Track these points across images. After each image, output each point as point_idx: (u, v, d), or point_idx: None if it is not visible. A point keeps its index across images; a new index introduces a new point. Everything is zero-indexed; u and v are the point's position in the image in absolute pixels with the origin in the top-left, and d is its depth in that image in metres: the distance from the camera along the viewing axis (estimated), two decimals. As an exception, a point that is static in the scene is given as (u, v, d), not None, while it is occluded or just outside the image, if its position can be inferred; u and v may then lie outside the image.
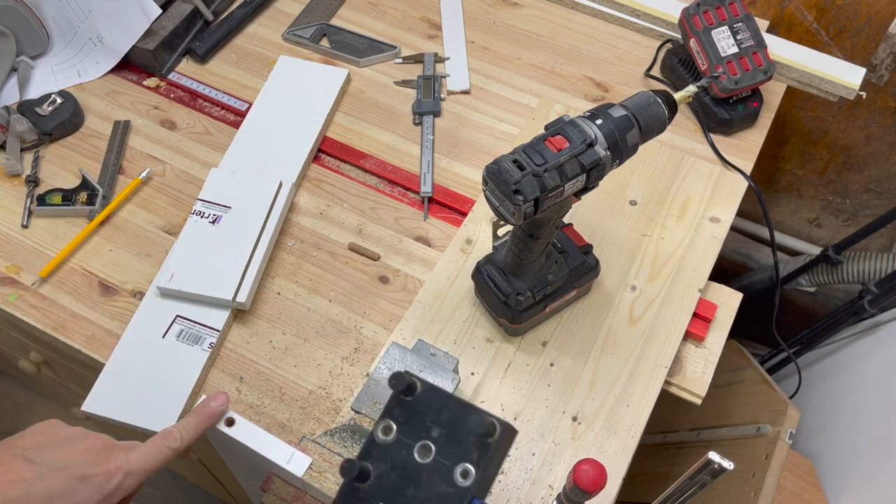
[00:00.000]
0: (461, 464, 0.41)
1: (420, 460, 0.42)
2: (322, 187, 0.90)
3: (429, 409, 0.43)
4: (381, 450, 0.43)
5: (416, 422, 0.43)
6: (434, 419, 0.43)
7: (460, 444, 0.42)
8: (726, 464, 0.49)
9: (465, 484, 0.41)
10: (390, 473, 0.42)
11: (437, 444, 0.42)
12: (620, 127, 0.60)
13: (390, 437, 0.43)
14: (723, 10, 0.92)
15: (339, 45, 1.03)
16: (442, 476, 0.42)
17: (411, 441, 0.43)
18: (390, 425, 0.43)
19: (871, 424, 1.09)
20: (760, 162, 1.25)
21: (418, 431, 0.43)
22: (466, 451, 0.42)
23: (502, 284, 0.72)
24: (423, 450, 0.43)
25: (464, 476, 0.41)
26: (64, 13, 0.99)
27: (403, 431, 0.43)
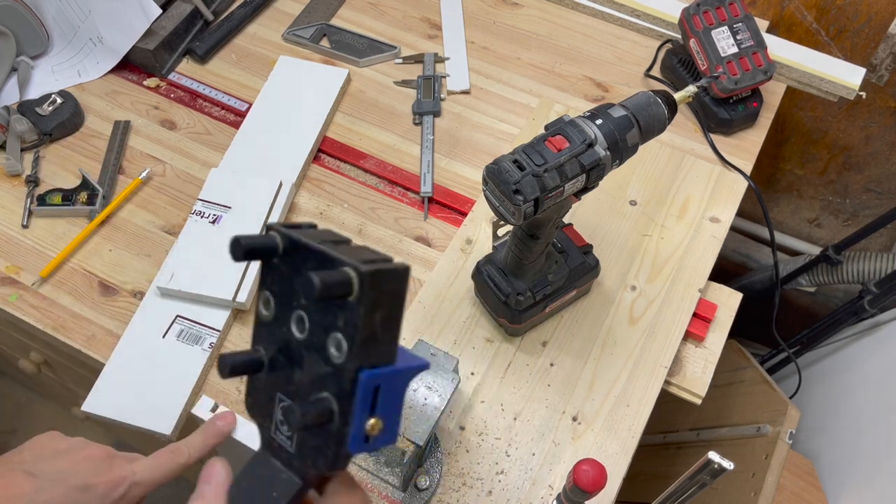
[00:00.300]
0: (331, 334, 0.32)
1: (298, 335, 0.34)
2: (322, 187, 0.90)
3: (295, 269, 0.34)
4: (266, 329, 0.35)
5: (286, 289, 0.34)
6: (300, 281, 0.34)
7: (328, 309, 0.32)
8: (726, 464, 0.49)
9: (340, 359, 0.32)
10: (278, 358, 0.35)
11: (309, 313, 0.33)
12: (620, 127, 0.60)
13: (269, 313, 0.35)
14: (723, 10, 0.92)
15: (339, 45, 1.03)
16: (319, 353, 0.33)
17: (287, 313, 0.34)
18: (267, 298, 0.35)
19: (871, 424, 1.09)
20: (760, 162, 1.25)
21: (289, 301, 0.34)
22: (334, 318, 0.32)
23: (502, 284, 0.72)
24: (298, 322, 0.34)
25: (337, 348, 0.32)
26: (64, 13, 0.99)
27: (279, 305, 0.35)
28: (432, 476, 0.68)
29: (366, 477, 0.67)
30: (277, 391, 0.35)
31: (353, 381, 0.32)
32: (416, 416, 0.61)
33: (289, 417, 0.32)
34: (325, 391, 0.33)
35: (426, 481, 0.67)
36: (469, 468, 0.69)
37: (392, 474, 0.65)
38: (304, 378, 0.34)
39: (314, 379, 0.33)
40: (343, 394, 0.32)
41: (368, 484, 0.66)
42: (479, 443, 0.71)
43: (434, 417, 0.61)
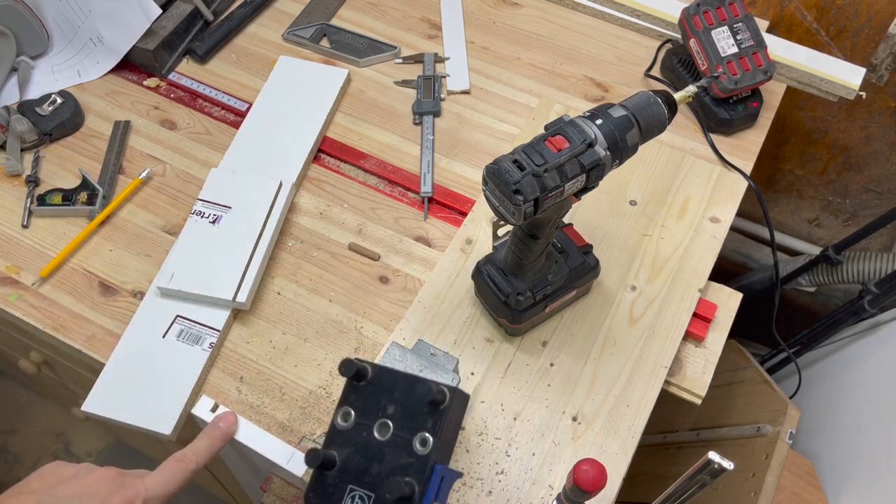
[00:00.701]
0: (418, 434, 0.43)
1: (380, 438, 0.44)
2: (322, 187, 0.90)
3: (382, 389, 0.45)
4: (342, 436, 0.45)
5: (372, 403, 0.45)
6: (388, 398, 0.45)
7: (415, 415, 0.44)
8: (726, 464, 0.49)
9: (425, 451, 0.43)
10: (354, 457, 0.44)
11: (394, 420, 0.44)
12: (620, 127, 0.60)
13: (349, 423, 0.45)
14: (723, 10, 0.92)
15: (339, 45, 1.03)
16: (403, 448, 0.43)
17: (369, 422, 0.45)
18: (348, 411, 0.45)
19: (871, 424, 1.09)
20: (760, 162, 1.25)
21: (375, 412, 0.45)
22: (422, 422, 0.44)
23: (502, 284, 0.72)
24: (381, 428, 0.44)
25: (423, 444, 0.43)
26: (64, 13, 0.99)
27: (361, 415, 0.45)
28: (432, 476, 0.68)
29: (366, 477, 0.67)
30: (349, 483, 0.44)
31: (431, 470, 0.43)
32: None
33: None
34: (407, 477, 0.42)
35: (426, 481, 0.67)
36: (469, 468, 0.69)
37: (392, 474, 0.65)
38: (383, 470, 0.43)
39: (395, 469, 0.43)
40: (422, 479, 0.42)
41: (368, 484, 0.66)
42: (479, 443, 0.71)
43: (434, 417, 0.61)
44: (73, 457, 1.65)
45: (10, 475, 1.62)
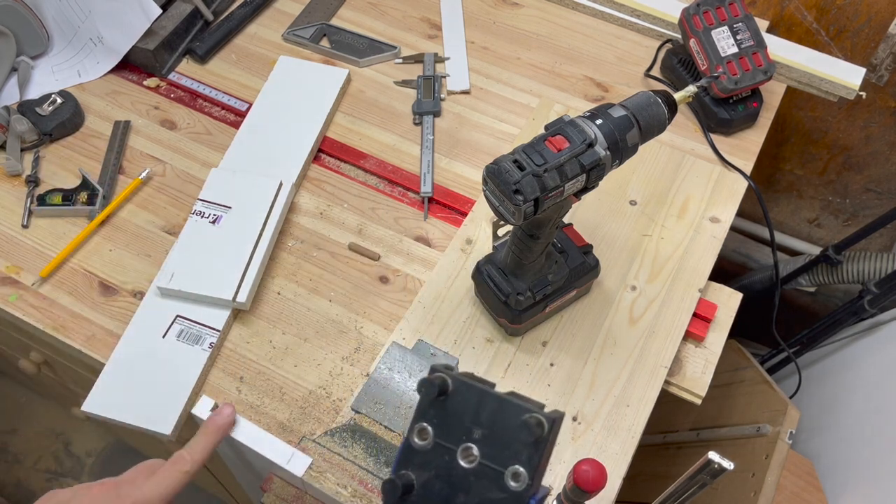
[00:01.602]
0: (511, 466, 0.39)
1: (465, 465, 0.39)
2: (322, 187, 0.90)
3: (465, 407, 0.40)
4: (420, 457, 0.40)
5: (454, 423, 0.40)
6: (473, 419, 0.40)
7: (506, 443, 0.39)
8: (726, 464, 0.49)
9: (519, 488, 0.38)
10: (435, 482, 0.39)
11: (480, 445, 0.39)
12: (620, 127, 0.60)
13: (427, 442, 0.40)
14: (723, 10, 0.92)
15: (339, 45, 1.03)
16: (492, 480, 0.39)
17: (451, 445, 0.40)
18: (426, 428, 0.40)
19: (871, 424, 1.09)
20: (760, 162, 1.24)
21: (457, 433, 0.40)
22: (514, 452, 0.39)
23: (502, 284, 0.72)
24: (465, 453, 0.40)
25: (515, 479, 0.38)
26: (64, 13, 0.99)
27: (441, 435, 0.40)
28: (432, 476, 0.68)
29: (366, 477, 0.67)
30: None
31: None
32: (416, 416, 0.61)
33: None
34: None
35: (426, 481, 0.67)
36: (469, 468, 0.69)
37: (392, 474, 0.65)
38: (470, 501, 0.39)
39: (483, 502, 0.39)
40: None
41: (369, 484, 0.66)
42: (479, 443, 0.71)
43: (434, 417, 0.61)
44: (73, 457, 1.65)
45: (10, 475, 1.62)
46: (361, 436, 0.69)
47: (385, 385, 0.65)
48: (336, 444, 0.69)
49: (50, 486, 1.62)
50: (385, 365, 0.65)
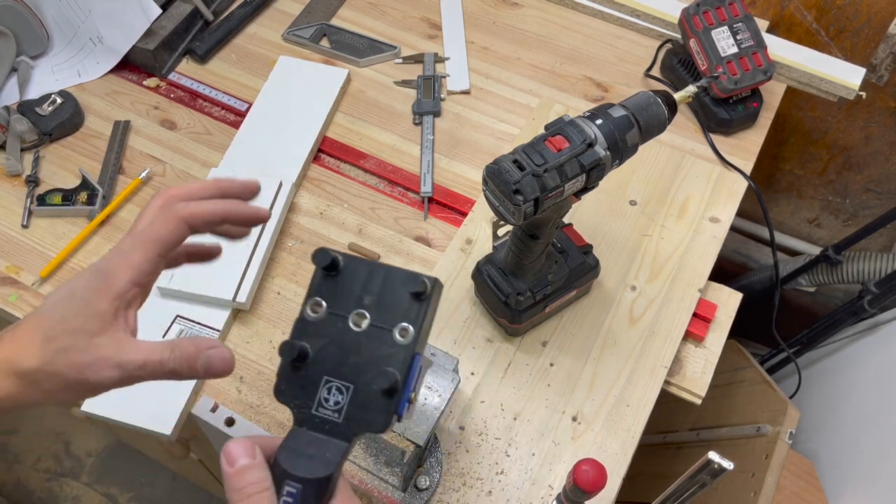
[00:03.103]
0: (398, 324, 0.42)
1: (356, 329, 0.43)
2: (322, 187, 0.90)
3: (356, 280, 0.44)
4: (313, 327, 0.43)
5: (346, 294, 0.43)
6: (364, 289, 0.43)
7: (394, 306, 0.43)
8: (726, 464, 0.49)
9: (406, 341, 0.42)
10: (328, 348, 0.43)
11: (371, 311, 0.43)
12: (620, 127, 0.60)
13: (320, 314, 0.43)
14: (723, 10, 0.92)
15: (339, 45, 1.03)
16: (382, 339, 0.42)
17: (344, 313, 0.43)
18: (319, 302, 0.43)
19: (871, 424, 1.09)
20: (760, 162, 1.24)
21: (349, 303, 0.43)
22: (402, 312, 0.42)
23: (502, 284, 0.72)
24: (357, 318, 0.43)
25: (403, 335, 0.42)
26: (64, 13, 0.99)
27: (334, 306, 0.43)
28: (432, 476, 0.68)
29: (366, 477, 0.67)
30: (325, 375, 0.43)
31: (412, 360, 0.42)
32: (416, 416, 0.61)
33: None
34: (389, 367, 0.41)
35: (426, 481, 0.67)
36: (469, 468, 0.69)
37: (392, 474, 0.65)
38: (361, 360, 0.42)
39: (374, 359, 0.42)
40: (404, 368, 0.42)
41: (368, 484, 0.66)
42: (479, 443, 0.71)
43: (434, 417, 0.61)
44: (73, 457, 1.65)
45: (10, 475, 1.62)
46: (361, 436, 0.69)
47: (385, 385, 0.66)
48: (336, 444, 0.69)
49: (50, 486, 1.62)
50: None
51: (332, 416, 0.42)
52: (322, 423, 0.42)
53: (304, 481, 0.39)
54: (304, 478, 0.39)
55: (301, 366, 0.43)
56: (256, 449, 0.41)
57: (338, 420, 0.42)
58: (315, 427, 0.42)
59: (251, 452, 0.40)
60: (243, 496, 0.39)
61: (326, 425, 0.42)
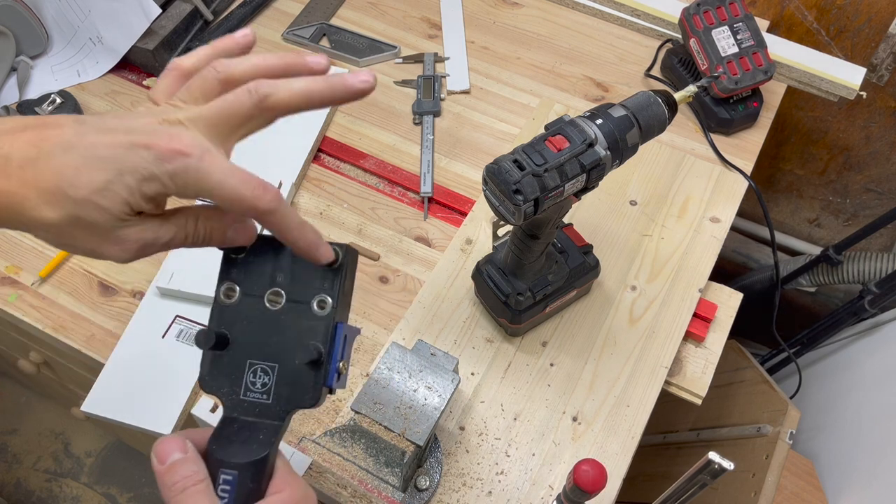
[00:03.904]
0: (315, 296, 0.42)
1: (273, 308, 0.42)
2: (322, 187, 0.90)
3: (265, 259, 0.43)
4: (230, 313, 0.43)
5: (257, 275, 0.43)
6: (275, 266, 0.43)
7: (308, 280, 0.42)
8: (726, 464, 0.49)
9: (325, 312, 0.42)
10: (248, 331, 0.42)
11: (285, 287, 0.43)
12: (620, 127, 0.60)
13: (235, 299, 0.43)
14: (723, 9, 0.92)
15: (339, 45, 1.03)
16: (300, 314, 0.42)
17: (258, 294, 0.43)
18: (231, 286, 0.43)
19: (871, 424, 1.09)
20: (760, 162, 1.24)
21: (262, 283, 0.43)
22: (317, 284, 0.42)
23: (502, 284, 0.72)
24: (273, 297, 0.43)
25: (321, 306, 0.42)
26: (63, 13, 0.99)
27: (247, 288, 0.43)
28: (432, 476, 0.68)
29: (366, 477, 0.66)
30: (248, 358, 0.42)
31: (334, 329, 0.42)
32: (416, 416, 0.61)
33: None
34: (311, 340, 0.41)
35: (426, 482, 0.67)
36: (469, 468, 0.69)
37: (392, 474, 0.65)
38: (283, 338, 0.42)
39: (296, 335, 0.42)
40: (326, 339, 0.41)
41: (368, 484, 0.66)
42: (479, 443, 0.71)
43: (434, 417, 0.61)
44: (72, 457, 1.65)
45: (9, 475, 1.62)
46: (361, 436, 0.69)
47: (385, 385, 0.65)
48: (336, 445, 0.69)
49: (49, 486, 1.61)
50: (385, 365, 0.65)
51: (261, 398, 0.42)
52: (252, 407, 0.42)
53: (238, 466, 0.39)
54: (238, 463, 0.39)
55: (223, 353, 0.43)
56: (187, 443, 0.40)
57: (267, 401, 0.42)
58: (245, 412, 0.42)
59: (182, 447, 0.39)
60: (177, 491, 0.38)
61: (257, 408, 0.41)
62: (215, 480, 0.39)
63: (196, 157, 0.38)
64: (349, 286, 0.44)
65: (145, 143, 0.37)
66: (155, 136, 0.38)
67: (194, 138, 0.39)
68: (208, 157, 0.39)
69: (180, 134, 0.39)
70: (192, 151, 0.38)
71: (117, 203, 0.38)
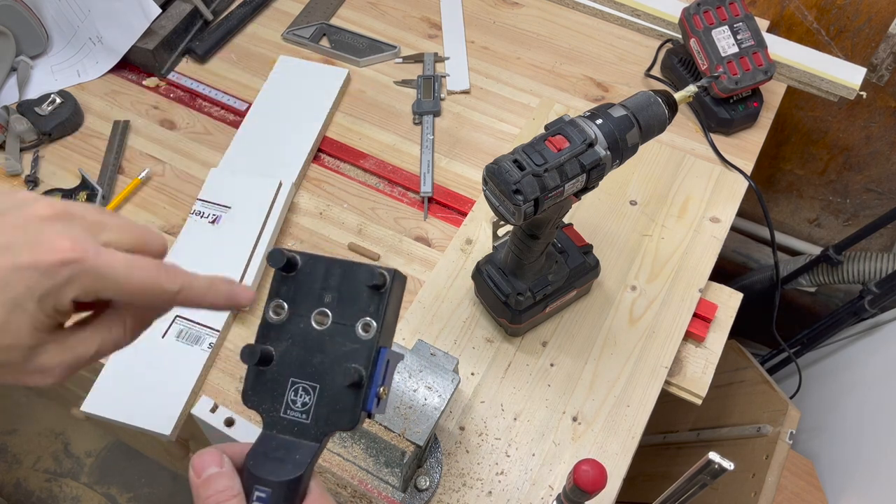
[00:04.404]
0: (360, 319, 0.42)
1: (319, 328, 0.43)
2: (322, 187, 0.90)
3: (315, 278, 0.43)
4: (276, 330, 0.43)
5: (306, 294, 0.43)
6: (323, 286, 0.43)
7: (354, 302, 0.43)
8: (726, 464, 0.49)
9: (369, 336, 0.42)
10: (292, 349, 0.43)
11: (332, 308, 0.43)
12: (620, 127, 0.60)
13: (283, 316, 0.43)
14: (723, 9, 0.92)
15: (339, 45, 1.03)
16: (345, 336, 0.42)
17: (305, 314, 0.43)
18: (280, 304, 0.43)
19: (871, 424, 1.08)
20: (760, 162, 1.24)
21: (310, 302, 0.43)
22: (363, 307, 0.43)
23: (502, 284, 0.72)
24: (319, 317, 0.43)
25: (365, 329, 0.42)
26: (63, 13, 0.99)
27: (295, 307, 0.43)
28: (432, 476, 0.68)
29: (366, 477, 0.66)
30: (291, 377, 0.42)
31: (377, 354, 0.42)
32: (416, 416, 0.61)
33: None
34: (353, 363, 0.41)
35: (426, 482, 0.67)
36: (469, 468, 0.69)
37: (392, 475, 0.65)
38: (326, 359, 0.42)
39: (339, 357, 0.42)
40: (368, 363, 0.41)
41: (368, 485, 0.66)
42: (479, 443, 0.71)
43: (434, 417, 0.61)
44: (72, 457, 1.65)
45: (9, 475, 1.62)
46: (361, 436, 0.69)
47: (385, 385, 0.65)
48: (336, 445, 0.69)
49: (49, 486, 1.61)
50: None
51: (301, 418, 0.42)
52: (291, 426, 0.42)
53: (273, 485, 0.39)
54: (273, 481, 0.39)
55: (266, 369, 0.43)
56: (224, 458, 0.39)
57: (306, 421, 0.42)
58: (284, 430, 0.42)
59: (219, 461, 0.39)
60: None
61: (295, 427, 0.42)
62: (249, 496, 0.39)
63: (90, 259, 0.35)
64: (394, 311, 0.44)
65: (28, 262, 0.34)
66: (36, 250, 0.34)
67: (77, 238, 0.35)
68: (103, 255, 0.36)
69: (60, 237, 0.35)
70: (80, 256, 0.35)
71: (23, 335, 0.35)
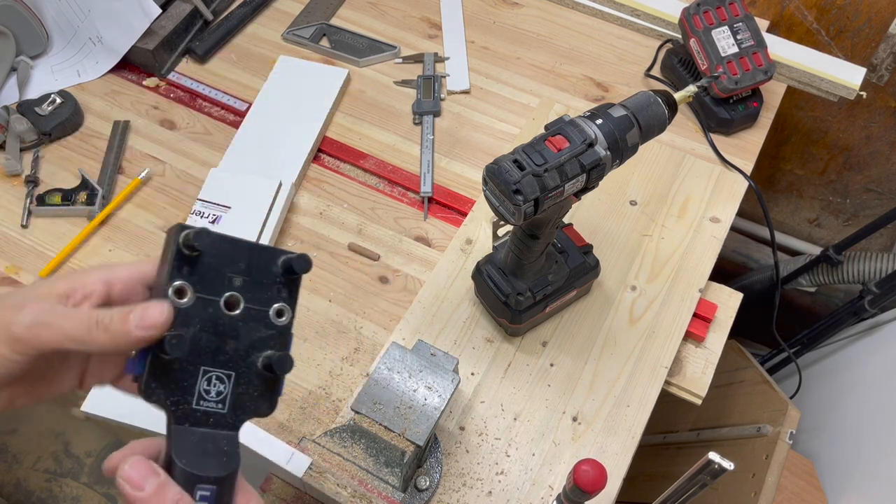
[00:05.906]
0: (273, 304, 0.42)
1: (230, 312, 0.40)
2: (322, 187, 0.90)
3: (222, 260, 0.41)
4: (182, 315, 0.39)
5: (213, 276, 0.40)
6: (231, 269, 0.41)
7: (266, 285, 0.42)
8: (726, 464, 0.49)
9: (284, 322, 0.42)
10: (202, 335, 0.40)
11: (242, 292, 0.41)
12: (620, 127, 0.60)
13: (188, 300, 0.39)
14: (723, 9, 0.92)
15: (339, 45, 1.03)
16: (258, 321, 0.41)
17: (214, 297, 0.40)
18: (183, 286, 0.39)
19: (871, 424, 1.08)
20: (760, 162, 1.24)
21: (218, 285, 0.40)
22: (275, 292, 0.42)
23: (502, 284, 0.72)
24: (231, 301, 0.41)
25: (279, 315, 0.42)
26: (63, 13, 0.99)
27: (202, 290, 0.40)
28: (432, 476, 0.68)
29: (366, 477, 0.66)
30: (202, 365, 0.40)
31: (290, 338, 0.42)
32: (416, 416, 0.61)
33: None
34: (267, 350, 0.41)
35: (426, 482, 0.67)
36: (469, 468, 0.69)
37: (392, 475, 0.65)
38: (240, 346, 0.41)
39: (254, 343, 0.41)
40: (284, 349, 0.42)
41: (368, 484, 0.66)
42: (479, 443, 0.71)
43: (434, 417, 0.61)
44: (72, 457, 1.65)
45: (9, 475, 1.62)
46: (361, 436, 0.68)
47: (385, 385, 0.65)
48: (336, 445, 0.69)
49: (49, 486, 1.61)
50: (385, 365, 0.65)
51: (217, 408, 0.40)
52: (206, 417, 0.40)
53: (217, 481, 0.38)
54: (216, 477, 0.38)
55: (172, 359, 0.39)
56: (153, 464, 0.37)
57: (222, 410, 0.40)
58: (198, 422, 0.39)
59: (151, 469, 0.37)
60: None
61: (211, 418, 0.40)
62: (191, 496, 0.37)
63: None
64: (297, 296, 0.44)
65: None
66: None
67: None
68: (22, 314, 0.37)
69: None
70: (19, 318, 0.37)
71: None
